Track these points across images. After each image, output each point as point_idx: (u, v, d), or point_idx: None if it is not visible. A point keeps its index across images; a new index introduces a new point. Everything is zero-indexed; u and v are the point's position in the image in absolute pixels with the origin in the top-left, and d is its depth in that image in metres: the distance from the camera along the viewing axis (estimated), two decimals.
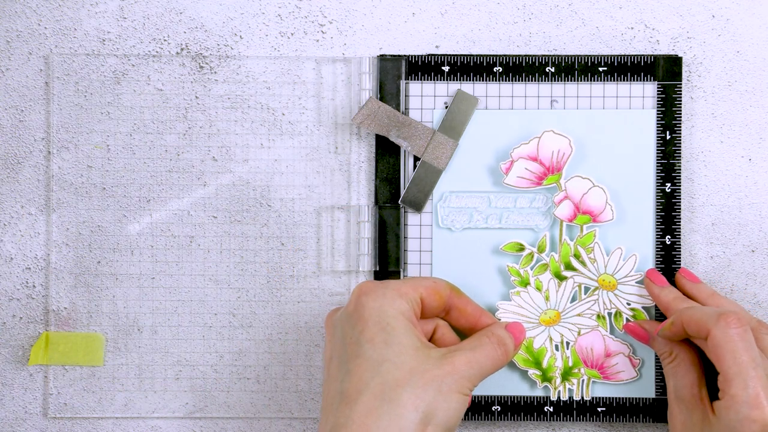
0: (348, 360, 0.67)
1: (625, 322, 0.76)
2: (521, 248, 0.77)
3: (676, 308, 0.74)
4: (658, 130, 0.78)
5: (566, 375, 0.77)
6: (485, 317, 0.73)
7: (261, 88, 0.79)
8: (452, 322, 0.74)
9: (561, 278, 0.77)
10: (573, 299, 0.77)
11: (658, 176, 0.77)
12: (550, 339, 0.77)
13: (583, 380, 0.76)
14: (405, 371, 0.66)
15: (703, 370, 0.73)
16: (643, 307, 0.76)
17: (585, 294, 0.77)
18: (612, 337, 0.77)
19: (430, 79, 0.78)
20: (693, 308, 0.72)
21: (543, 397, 0.78)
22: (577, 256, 0.76)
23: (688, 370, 0.73)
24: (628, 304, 0.76)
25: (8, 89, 0.79)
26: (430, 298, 0.71)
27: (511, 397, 0.78)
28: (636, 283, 0.76)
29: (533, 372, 0.77)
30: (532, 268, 0.77)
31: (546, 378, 0.77)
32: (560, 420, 0.77)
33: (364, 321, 0.68)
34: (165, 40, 0.79)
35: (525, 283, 0.77)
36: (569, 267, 0.77)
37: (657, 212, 0.77)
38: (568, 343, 0.77)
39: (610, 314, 0.77)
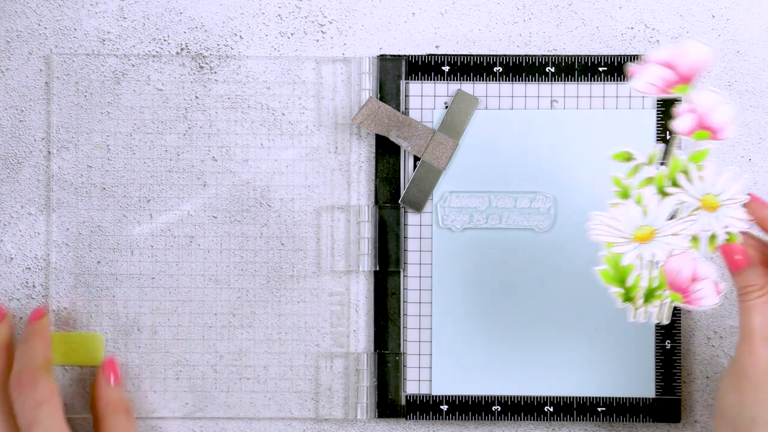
0: None
1: (720, 244, 0.71)
2: (630, 158, 0.71)
3: None
4: (658, 130, 0.78)
5: (649, 296, 0.71)
6: None
7: (261, 88, 0.79)
8: None
9: (664, 194, 0.71)
10: (671, 217, 0.71)
11: None
12: (641, 257, 0.71)
13: (665, 303, 0.71)
14: None
15: None
16: (739, 232, 0.71)
17: (685, 212, 0.71)
18: (702, 261, 0.71)
19: (430, 79, 0.78)
20: None
21: (543, 397, 0.78)
22: (685, 173, 0.71)
23: None
24: (726, 227, 0.70)
25: (8, 89, 0.79)
26: None
27: (511, 397, 0.78)
28: (739, 205, 0.70)
29: (615, 290, 0.71)
30: (636, 181, 0.71)
31: (628, 297, 0.71)
32: (560, 420, 0.77)
33: None
34: (165, 40, 0.79)
35: (625, 195, 0.71)
36: (675, 183, 0.71)
37: None
38: (657, 263, 0.71)
39: (705, 236, 0.71)
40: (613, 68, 0.77)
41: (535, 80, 0.78)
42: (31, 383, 0.71)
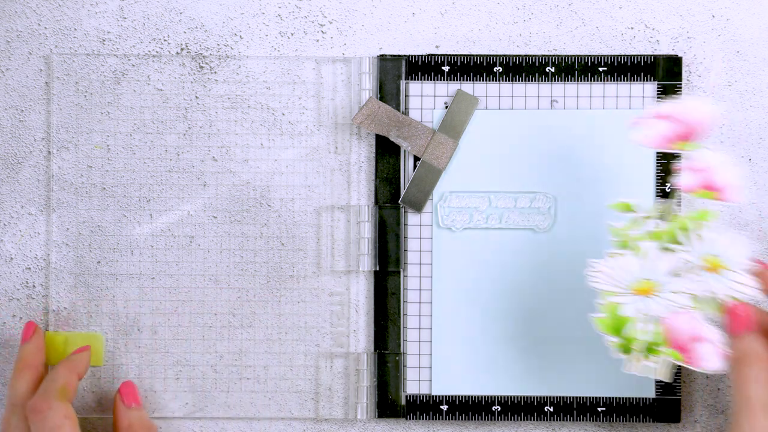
0: None
1: (724, 307, 0.68)
2: (629, 208, 0.69)
3: None
4: None
5: (647, 350, 0.69)
6: None
7: (261, 88, 0.79)
8: None
9: (665, 249, 0.68)
10: (673, 274, 0.68)
11: (658, 176, 0.77)
12: (640, 310, 0.68)
13: (663, 360, 0.69)
14: None
15: None
16: (744, 298, 0.68)
17: (687, 271, 0.68)
18: (705, 323, 0.68)
19: (430, 79, 0.78)
20: None
21: (543, 397, 0.78)
22: (685, 231, 0.68)
23: None
24: (730, 291, 0.68)
25: (8, 89, 0.79)
26: None
27: (511, 397, 0.78)
28: (743, 271, 0.68)
29: (612, 339, 0.69)
30: (636, 233, 0.69)
31: (625, 349, 0.69)
32: (560, 420, 0.77)
33: None
34: (165, 40, 0.79)
35: (624, 246, 0.69)
36: (675, 240, 0.68)
37: None
38: (657, 319, 0.68)
39: (708, 298, 0.68)
40: (613, 68, 0.77)
41: (535, 80, 0.78)
42: (46, 408, 0.71)
